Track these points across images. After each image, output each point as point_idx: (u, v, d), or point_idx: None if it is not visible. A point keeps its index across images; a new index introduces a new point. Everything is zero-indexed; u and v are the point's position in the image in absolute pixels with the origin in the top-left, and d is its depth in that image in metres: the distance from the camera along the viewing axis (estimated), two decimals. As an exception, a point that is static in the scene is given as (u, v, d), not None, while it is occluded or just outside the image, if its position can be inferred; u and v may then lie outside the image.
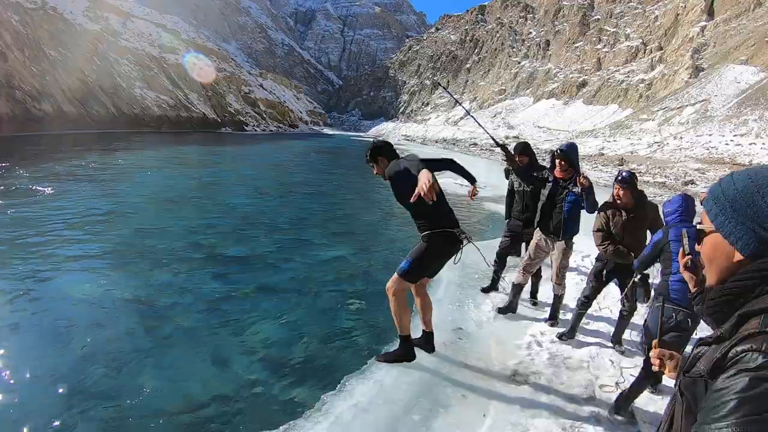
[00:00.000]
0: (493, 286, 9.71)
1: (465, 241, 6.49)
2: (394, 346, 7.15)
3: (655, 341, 2.71)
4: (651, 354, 2.65)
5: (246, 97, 47.00)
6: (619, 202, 7.16)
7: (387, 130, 51.33)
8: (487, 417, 5.99)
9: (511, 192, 9.35)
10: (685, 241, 2.79)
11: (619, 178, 7.09)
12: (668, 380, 6.36)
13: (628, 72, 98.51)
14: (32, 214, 14.04)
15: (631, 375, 6.84)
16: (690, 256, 2.76)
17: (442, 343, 7.52)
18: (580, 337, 8.08)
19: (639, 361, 7.24)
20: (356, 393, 6.19)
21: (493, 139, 8.69)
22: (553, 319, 8.57)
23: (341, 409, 5.87)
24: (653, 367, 2.64)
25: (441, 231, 6.26)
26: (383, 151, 6.54)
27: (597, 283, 7.83)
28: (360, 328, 8.30)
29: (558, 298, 8.56)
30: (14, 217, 13.59)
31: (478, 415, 6.02)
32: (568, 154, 7.68)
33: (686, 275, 2.80)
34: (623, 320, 7.82)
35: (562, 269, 8.31)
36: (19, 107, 31.27)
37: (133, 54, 48.61)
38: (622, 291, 7.71)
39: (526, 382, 6.72)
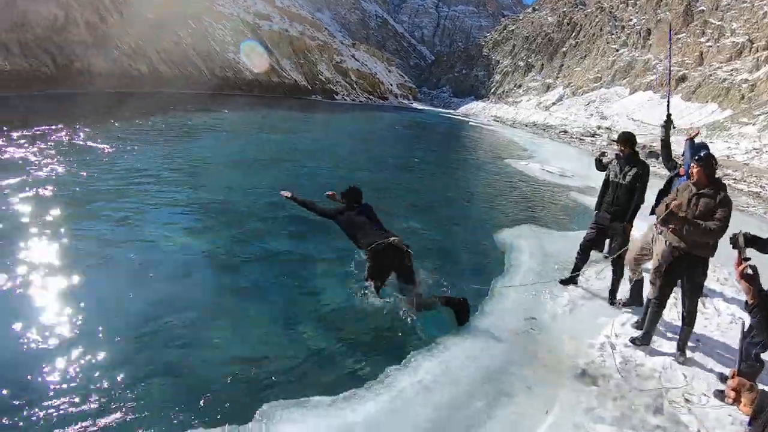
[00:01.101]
0: (572, 280, 9.26)
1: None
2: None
3: (732, 370, 2.37)
4: (727, 384, 2.30)
5: (337, 66, 47.06)
6: (692, 180, 6.58)
7: (477, 110, 50.48)
8: (550, 414, 5.71)
9: (606, 182, 8.84)
10: (741, 240, 2.45)
11: (696, 156, 6.68)
12: None
13: (732, 70, 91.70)
14: (126, 165, 14.42)
15: (704, 395, 6.35)
16: (747, 263, 2.41)
17: (514, 331, 7.27)
18: (656, 343, 7.60)
19: (712, 379, 6.73)
20: (421, 370, 6.06)
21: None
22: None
23: (404, 384, 5.77)
24: (726, 399, 2.30)
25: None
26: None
27: (664, 281, 7.26)
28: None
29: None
30: (109, 168, 13.97)
31: (541, 411, 5.75)
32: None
33: (743, 285, 2.45)
34: (685, 326, 7.26)
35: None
36: (117, 66, 32.21)
37: (227, 20, 49.36)
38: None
39: (594, 384, 6.36)
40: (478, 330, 7.25)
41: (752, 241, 4.88)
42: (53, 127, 18.10)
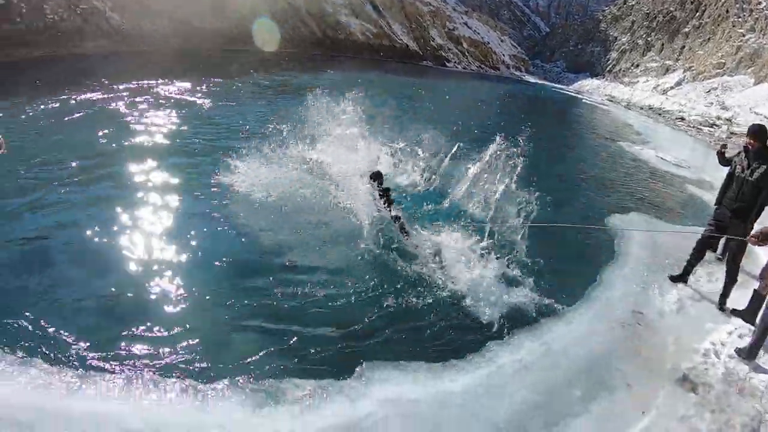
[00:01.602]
0: (682, 277, 8.65)
1: None
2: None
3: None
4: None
5: (449, 33, 45.61)
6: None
7: (591, 87, 47.95)
8: (646, 416, 5.38)
9: (730, 176, 8.08)
10: None
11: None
12: None
13: None
14: (237, 119, 14.53)
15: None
16: None
17: (619, 322, 6.85)
18: (762, 359, 7.04)
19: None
20: (522, 349, 5.79)
21: None
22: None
23: (504, 360, 5.53)
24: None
25: None
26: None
27: None
28: (541, 282, 7.61)
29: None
30: (221, 120, 14.14)
31: (638, 411, 5.42)
32: None
33: None
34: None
35: None
36: (232, 24, 32.40)
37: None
38: None
39: (694, 392, 5.92)
40: (584, 315, 6.82)
41: None
42: (173, 82, 18.79)
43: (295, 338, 5.55)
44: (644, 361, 6.26)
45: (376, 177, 9.04)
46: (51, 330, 5.24)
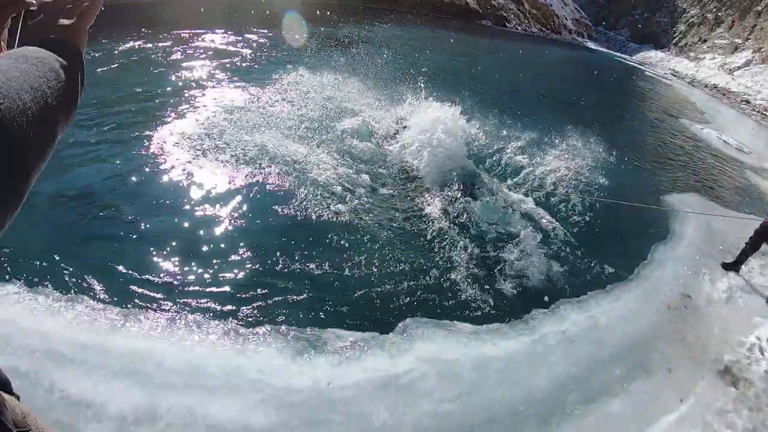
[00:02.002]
0: (735, 266, 8.28)
1: None
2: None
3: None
4: None
5: None
6: None
7: (654, 60, 45.44)
8: (684, 403, 5.21)
9: None
10: None
11: None
12: None
13: None
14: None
15: None
16: None
17: (666, 304, 6.60)
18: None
19: None
20: (567, 321, 5.59)
21: None
22: None
23: (548, 330, 5.34)
24: None
25: None
26: None
27: None
28: (591, 255, 7.37)
29: None
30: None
31: (676, 397, 5.22)
32: None
33: None
34: None
35: None
36: None
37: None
38: None
39: (734, 386, 5.68)
40: (632, 293, 6.56)
41: None
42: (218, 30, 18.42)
43: (340, 289, 5.47)
44: (687, 347, 6.03)
45: None
46: (99, 268, 5.27)
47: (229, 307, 4.97)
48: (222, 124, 9.02)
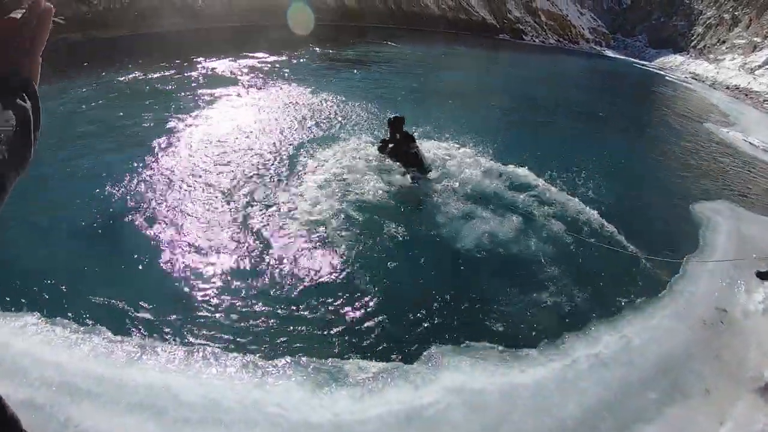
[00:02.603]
0: (772, 275, 7.88)
1: None
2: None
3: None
4: None
5: (527, 5, 42.88)
6: None
7: (674, 64, 44.29)
8: (723, 427, 4.88)
9: None
10: None
11: None
12: None
13: None
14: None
15: None
16: None
17: (701, 320, 6.22)
18: None
19: None
20: (599, 343, 5.26)
21: None
22: None
23: (579, 354, 5.02)
24: None
25: None
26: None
27: None
28: (622, 270, 7.03)
29: None
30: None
31: (714, 421, 4.89)
32: None
33: None
34: None
35: None
36: (303, 0, 31.66)
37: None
38: None
39: (775, 404, 5.39)
40: (665, 309, 6.17)
41: None
42: (262, 54, 18.88)
43: (362, 318, 5.25)
44: (724, 365, 5.67)
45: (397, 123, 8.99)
46: (116, 300, 5.17)
47: (248, 338, 4.80)
48: (241, 155, 8.98)
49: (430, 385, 4.40)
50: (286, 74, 16.49)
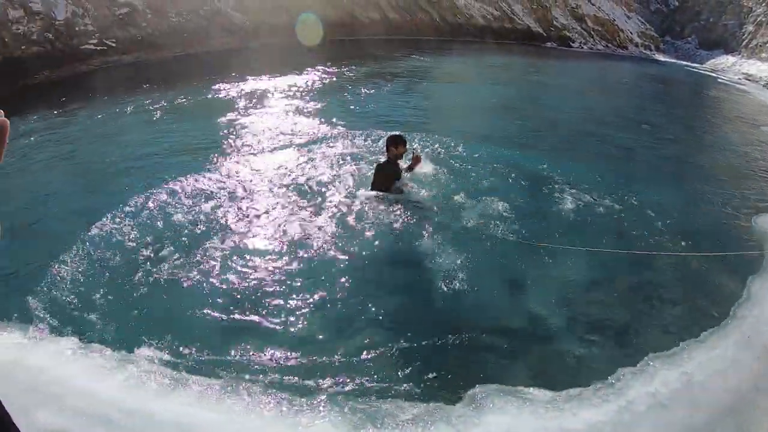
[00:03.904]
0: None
1: None
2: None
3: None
4: None
5: (573, 11, 41.19)
6: None
7: (725, 65, 41.39)
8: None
9: None
10: None
11: None
12: None
13: None
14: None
15: None
16: None
17: (764, 346, 5.63)
18: None
19: None
20: (657, 379, 4.67)
21: None
22: None
23: (636, 393, 4.45)
24: None
25: None
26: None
27: None
28: (681, 296, 6.33)
29: None
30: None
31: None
32: None
33: None
34: None
35: None
36: (348, 15, 31.35)
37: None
38: None
39: None
40: (728, 339, 5.46)
41: None
42: (304, 71, 18.64)
43: (401, 354, 4.84)
44: (798, 400, 5.03)
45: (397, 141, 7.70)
46: (154, 329, 4.97)
47: (283, 374, 4.47)
48: (295, 176, 8.63)
49: (474, 429, 3.94)
50: (335, 89, 16.39)
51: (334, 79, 18.06)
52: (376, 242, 6.66)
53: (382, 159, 7.86)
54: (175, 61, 21.43)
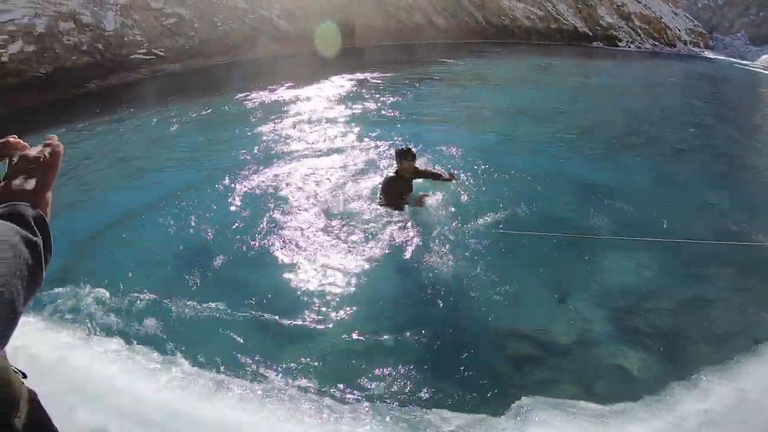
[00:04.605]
0: None
1: None
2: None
3: None
4: None
5: (619, 10, 39.99)
6: None
7: None
8: None
9: None
10: None
11: None
12: None
13: None
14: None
15: None
16: None
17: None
18: None
19: None
20: (710, 396, 4.41)
21: None
22: None
23: (688, 409, 4.19)
24: None
25: None
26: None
27: None
28: (736, 306, 5.87)
29: None
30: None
31: None
32: None
33: None
34: None
35: None
36: (392, 20, 31.44)
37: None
38: None
39: None
40: None
41: None
42: (346, 76, 18.78)
43: (448, 361, 4.71)
44: None
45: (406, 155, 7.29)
46: (198, 330, 5.05)
47: (325, 380, 4.39)
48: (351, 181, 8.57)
49: (518, 442, 3.82)
50: (377, 94, 16.31)
51: (377, 83, 18.08)
52: (418, 252, 6.50)
53: (391, 172, 7.46)
54: (222, 69, 21.91)
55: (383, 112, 13.69)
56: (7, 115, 14.67)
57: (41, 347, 4.56)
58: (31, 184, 1.06)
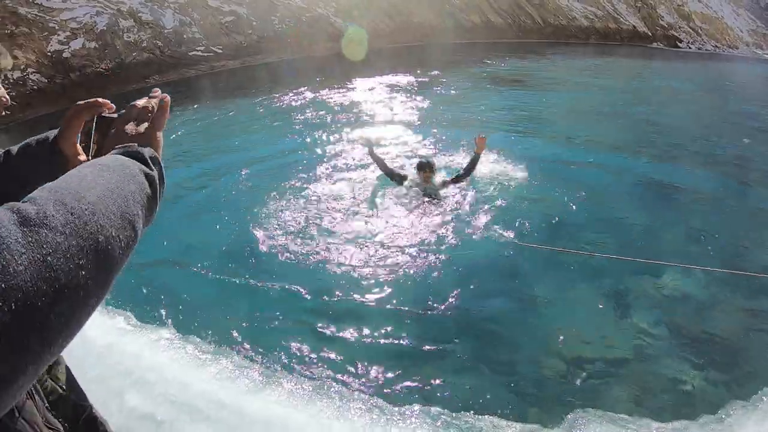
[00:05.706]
0: None
1: None
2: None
3: None
4: None
5: (679, 9, 38.38)
6: None
7: None
8: None
9: None
10: None
11: None
12: None
13: None
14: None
15: None
16: None
17: None
18: None
19: None
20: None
21: None
22: None
23: (747, 428, 4.03)
24: None
25: None
26: None
27: None
28: None
29: None
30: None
31: None
32: None
33: None
34: None
35: None
36: (450, 19, 31.20)
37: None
38: None
39: None
40: None
41: None
42: (400, 74, 18.80)
43: (502, 369, 4.61)
44: None
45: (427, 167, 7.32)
46: (250, 323, 5.06)
47: (376, 381, 4.33)
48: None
49: (570, 455, 3.68)
50: (432, 92, 16.25)
51: (430, 82, 17.99)
52: (474, 260, 6.33)
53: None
54: (278, 66, 22.06)
55: (431, 112, 13.60)
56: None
57: (97, 331, 4.61)
58: (143, 128, 1.16)
